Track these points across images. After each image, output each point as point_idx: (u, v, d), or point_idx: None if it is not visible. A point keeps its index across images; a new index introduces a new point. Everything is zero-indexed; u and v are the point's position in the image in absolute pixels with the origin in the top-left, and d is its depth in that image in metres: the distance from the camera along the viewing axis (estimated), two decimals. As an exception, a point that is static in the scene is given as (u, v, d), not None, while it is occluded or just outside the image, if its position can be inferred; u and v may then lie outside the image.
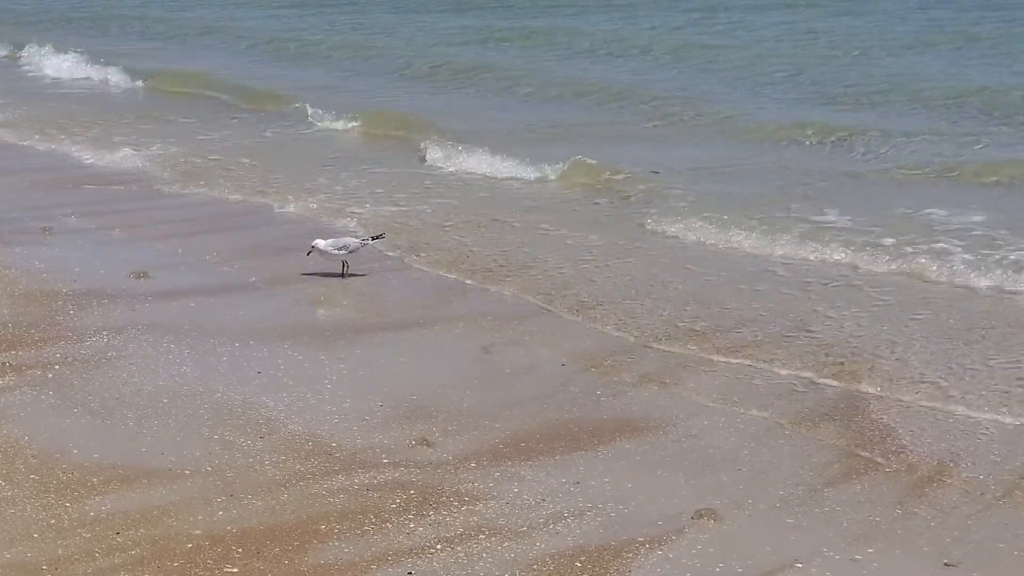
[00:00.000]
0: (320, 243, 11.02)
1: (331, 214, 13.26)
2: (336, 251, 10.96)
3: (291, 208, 13.59)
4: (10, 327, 9.24)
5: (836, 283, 10.86)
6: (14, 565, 5.89)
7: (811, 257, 11.64)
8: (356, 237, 11.39)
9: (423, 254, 11.71)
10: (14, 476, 6.83)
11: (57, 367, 8.48)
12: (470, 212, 13.42)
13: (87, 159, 16.45)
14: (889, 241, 11.83)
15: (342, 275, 10.97)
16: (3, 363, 8.50)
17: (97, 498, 6.61)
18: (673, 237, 12.42)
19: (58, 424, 7.57)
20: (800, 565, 6.12)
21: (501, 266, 11.29)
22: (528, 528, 6.44)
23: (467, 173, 15.58)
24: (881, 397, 8.27)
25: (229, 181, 14.98)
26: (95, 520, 6.37)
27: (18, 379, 8.25)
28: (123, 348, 8.90)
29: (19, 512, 6.42)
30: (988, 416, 7.96)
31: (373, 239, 11.32)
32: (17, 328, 9.22)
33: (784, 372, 8.72)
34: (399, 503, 6.67)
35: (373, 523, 6.44)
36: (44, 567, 5.90)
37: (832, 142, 17.25)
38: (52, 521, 6.34)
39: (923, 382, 8.50)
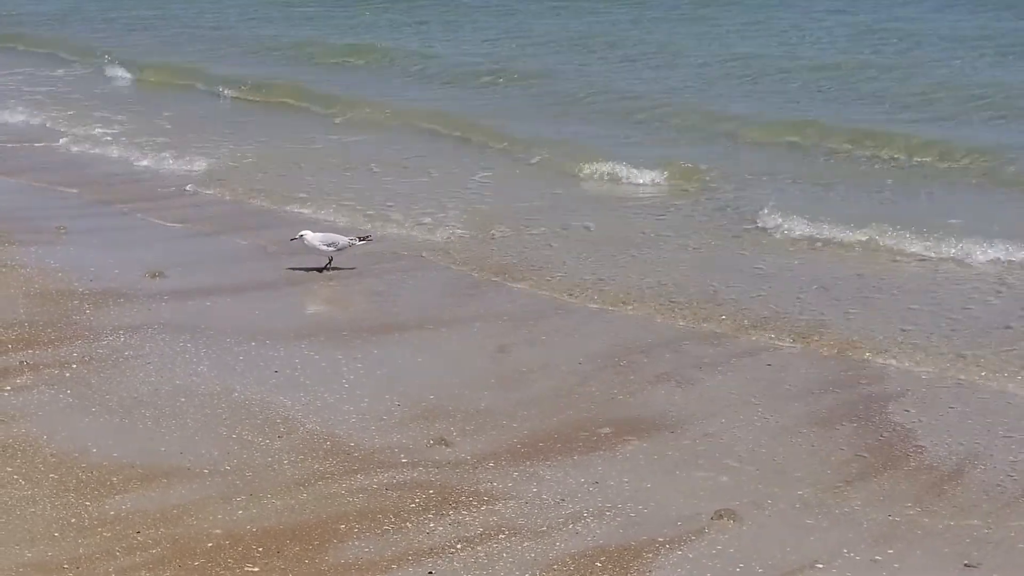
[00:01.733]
0: (308, 235, 11.05)
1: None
2: (325, 247, 11.01)
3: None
4: (26, 326, 9.24)
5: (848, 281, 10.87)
6: (35, 564, 5.90)
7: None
8: (345, 236, 11.27)
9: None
10: (33, 475, 6.84)
11: (74, 366, 8.49)
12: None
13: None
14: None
15: (321, 269, 11.02)
16: (20, 362, 8.51)
17: (117, 497, 6.62)
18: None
19: (76, 423, 7.58)
20: (821, 566, 6.11)
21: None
22: (548, 528, 6.43)
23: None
24: (901, 395, 8.27)
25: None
26: (115, 519, 6.38)
27: (36, 378, 8.26)
28: (140, 347, 8.91)
29: (39, 511, 6.43)
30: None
31: (361, 240, 11.29)
32: (33, 327, 9.23)
33: (802, 371, 8.71)
34: (418, 503, 6.67)
35: (393, 523, 6.44)
36: (65, 566, 5.91)
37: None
38: (72, 520, 6.35)
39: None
